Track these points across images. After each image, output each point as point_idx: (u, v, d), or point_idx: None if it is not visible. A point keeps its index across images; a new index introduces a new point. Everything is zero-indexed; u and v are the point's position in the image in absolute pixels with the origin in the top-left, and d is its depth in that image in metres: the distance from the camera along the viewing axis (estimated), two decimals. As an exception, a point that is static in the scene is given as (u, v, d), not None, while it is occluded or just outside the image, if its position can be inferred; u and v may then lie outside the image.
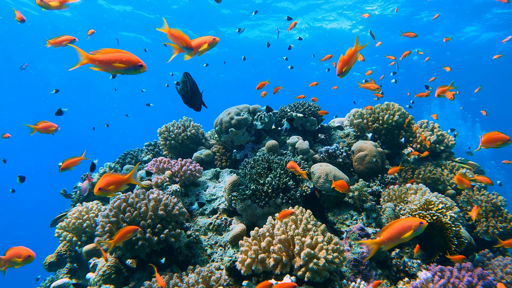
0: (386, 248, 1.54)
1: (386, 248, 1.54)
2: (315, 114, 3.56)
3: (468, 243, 2.53)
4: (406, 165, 3.42)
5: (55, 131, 2.78)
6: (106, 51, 1.40)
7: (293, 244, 1.97)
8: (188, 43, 1.60)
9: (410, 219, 1.52)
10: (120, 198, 2.41)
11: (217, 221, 2.76)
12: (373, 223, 2.45)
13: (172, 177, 3.03)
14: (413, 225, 1.48)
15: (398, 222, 1.51)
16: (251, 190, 2.44)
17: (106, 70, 1.42)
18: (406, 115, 3.44)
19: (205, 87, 2.69)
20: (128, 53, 1.41)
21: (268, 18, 12.73)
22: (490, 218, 3.03)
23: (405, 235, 1.47)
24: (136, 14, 12.31)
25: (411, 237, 1.48)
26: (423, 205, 2.41)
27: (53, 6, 2.26)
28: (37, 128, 2.72)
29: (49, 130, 2.74)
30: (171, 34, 1.59)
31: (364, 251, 2.25)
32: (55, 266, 3.46)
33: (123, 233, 1.95)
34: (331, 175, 2.55)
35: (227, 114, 3.58)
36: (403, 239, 1.49)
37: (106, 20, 12.56)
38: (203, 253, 2.56)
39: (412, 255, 2.32)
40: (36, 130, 2.71)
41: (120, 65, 1.40)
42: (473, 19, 11.50)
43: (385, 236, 1.50)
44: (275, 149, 3.18)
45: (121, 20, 12.67)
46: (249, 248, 1.99)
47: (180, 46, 1.60)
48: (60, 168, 2.65)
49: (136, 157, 4.75)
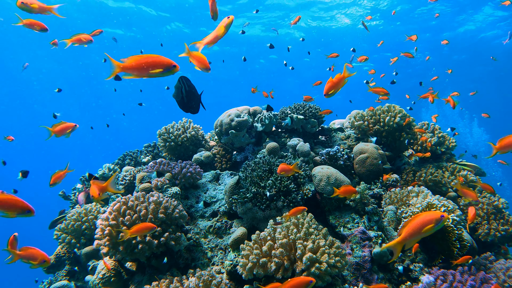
0: (409, 246, 1.51)
1: (409, 245, 1.51)
2: (316, 116, 3.54)
3: (470, 246, 2.51)
4: (407, 167, 3.40)
5: (72, 131, 2.70)
6: (136, 58, 1.40)
7: (294, 248, 1.95)
8: (206, 65, 1.75)
9: (430, 213, 1.48)
10: (120, 201, 2.39)
11: (218, 223, 2.74)
12: (375, 226, 2.43)
13: (172, 179, 3.01)
14: (434, 218, 1.44)
15: (418, 218, 1.48)
16: (252, 193, 2.42)
17: (139, 76, 1.42)
18: (407, 117, 3.43)
19: (203, 86, 2.67)
20: (158, 56, 1.42)
21: (262, 18, 12.69)
22: (492, 221, 3.01)
23: (426, 229, 1.44)
24: (131, 9, 12.21)
25: (433, 231, 1.45)
26: (425, 208, 2.40)
27: (35, 9, 2.21)
28: (55, 131, 2.63)
29: (65, 132, 2.67)
30: (192, 57, 1.75)
31: (366, 254, 2.23)
32: (53, 268, 3.44)
33: (141, 228, 1.99)
34: (332, 178, 2.53)
35: (227, 116, 3.56)
36: (425, 234, 1.46)
37: (102, 15, 12.45)
38: (204, 256, 2.54)
39: (414, 259, 2.30)
40: (53, 134, 2.63)
41: (156, 70, 1.40)
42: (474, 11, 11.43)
43: (407, 233, 1.47)
44: (275, 151, 3.16)
45: (117, 16, 12.58)
46: (250, 252, 1.97)
47: (200, 68, 1.76)
48: (50, 184, 2.62)
49: (136, 158, 4.73)
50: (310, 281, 1.54)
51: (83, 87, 21.79)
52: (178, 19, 13.16)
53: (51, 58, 16.24)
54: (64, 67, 17.60)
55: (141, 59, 1.40)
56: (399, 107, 3.48)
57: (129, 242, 2.23)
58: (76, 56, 16.32)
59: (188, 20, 13.12)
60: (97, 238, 2.31)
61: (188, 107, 2.15)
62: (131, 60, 1.40)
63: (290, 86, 22.24)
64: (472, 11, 11.33)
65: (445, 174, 3.36)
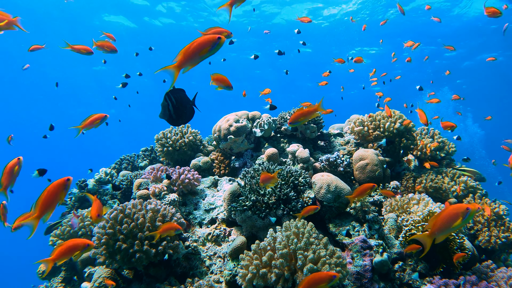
0: (438, 241, 1.48)
1: (438, 240, 1.48)
2: (315, 121, 3.52)
3: (471, 254, 2.49)
4: (407, 173, 3.38)
5: (102, 122, 2.62)
6: (183, 51, 1.41)
7: (295, 259, 1.92)
8: (229, 84, 1.91)
9: (456, 206, 1.44)
10: (117, 209, 2.34)
11: (216, 231, 2.70)
12: (376, 234, 2.40)
13: (170, 185, 2.97)
14: (460, 211, 1.41)
15: (444, 212, 1.44)
16: (251, 201, 2.39)
17: (195, 64, 1.45)
18: (407, 122, 3.41)
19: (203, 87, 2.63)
20: (199, 38, 1.42)
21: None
22: (492, 228, 2.99)
23: (455, 223, 1.41)
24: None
25: (462, 225, 1.41)
26: (426, 216, 2.37)
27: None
28: (85, 126, 2.54)
29: (94, 124, 2.58)
30: (214, 79, 1.92)
31: (366, 263, 2.20)
32: (49, 274, 3.39)
33: (168, 228, 2.05)
34: (332, 186, 2.50)
35: (225, 121, 3.53)
36: (453, 228, 1.42)
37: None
38: (202, 265, 2.51)
39: (415, 267, 2.28)
40: (82, 129, 2.55)
41: (205, 51, 1.41)
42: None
43: (436, 227, 1.44)
44: (274, 157, 3.13)
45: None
46: (250, 262, 1.94)
47: (223, 87, 1.91)
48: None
49: (133, 163, 4.69)
50: (333, 276, 1.52)
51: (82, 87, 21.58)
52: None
53: (50, 57, 16.05)
54: (63, 67, 17.45)
55: (187, 49, 1.41)
56: (399, 112, 3.46)
57: (126, 251, 2.19)
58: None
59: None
60: (94, 246, 2.27)
61: (179, 121, 2.11)
62: (180, 55, 1.41)
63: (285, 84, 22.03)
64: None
65: (445, 179, 3.34)
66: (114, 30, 13.30)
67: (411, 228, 2.35)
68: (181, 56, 1.42)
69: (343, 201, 2.50)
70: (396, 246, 2.42)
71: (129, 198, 3.76)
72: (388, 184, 3.10)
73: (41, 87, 19.21)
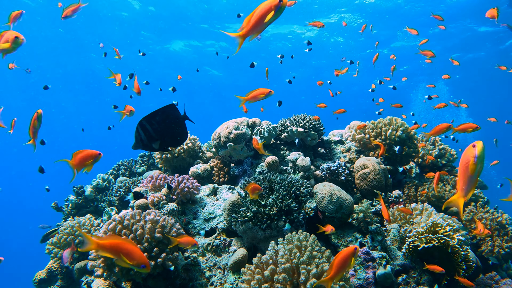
0: (468, 198, 1.45)
1: (468, 197, 1.44)
2: (316, 128, 3.48)
3: (475, 266, 2.46)
4: (409, 182, 3.35)
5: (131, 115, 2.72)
6: (248, 18, 1.43)
7: (297, 273, 1.88)
8: (265, 92, 2.13)
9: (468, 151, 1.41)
10: (115, 220, 2.29)
11: (216, 241, 2.65)
12: (378, 246, 2.36)
13: (169, 194, 2.92)
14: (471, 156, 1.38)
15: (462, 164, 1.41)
16: (252, 212, 2.34)
17: (261, 30, 1.47)
18: (409, 130, 3.38)
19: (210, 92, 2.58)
20: (261, 5, 1.42)
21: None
22: (495, 237, 2.96)
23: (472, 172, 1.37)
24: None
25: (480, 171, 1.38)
26: (430, 228, 2.33)
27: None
28: (126, 112, 2.60)
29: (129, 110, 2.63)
30: (251, 97, 2.16)
31: (369, 276, 2.16)
32: (45, 283, 3.34)
33: (187, 241, 2.09)
34: (334, 196, 2.46)
35: (225, 128, 3.48)
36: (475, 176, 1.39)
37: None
38: (202, 276, 2.46)
39: (419, 280, 2.24)
40: (125, 115, 2.60)
41: (269, 16, 1.41)
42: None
43: (462, 182, 1.40)
44: (275, 166, 3.08)
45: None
46: (252, 277, 1.89)
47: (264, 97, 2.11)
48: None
49: (130, 169, 4.63)
50: (354, 248, 1.56)
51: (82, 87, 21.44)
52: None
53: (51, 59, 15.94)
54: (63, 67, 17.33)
55: (252, 16, 1.42)
56: (401, 120, 3.43)
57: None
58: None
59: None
60: (91, 259, 2.22)
61: (164, 145, 2.05)
62: (246, 22, 1.43)
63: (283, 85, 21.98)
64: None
65: (447, 187, 3.31)
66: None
67: (415, 240, 2.31)
68: (247, 24, 1.43)
69: (345, 211, 2.46)
70: (399, 258, 2.38)
71: (127, 205, 3.70)
72: (390, 193, 3.06)
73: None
